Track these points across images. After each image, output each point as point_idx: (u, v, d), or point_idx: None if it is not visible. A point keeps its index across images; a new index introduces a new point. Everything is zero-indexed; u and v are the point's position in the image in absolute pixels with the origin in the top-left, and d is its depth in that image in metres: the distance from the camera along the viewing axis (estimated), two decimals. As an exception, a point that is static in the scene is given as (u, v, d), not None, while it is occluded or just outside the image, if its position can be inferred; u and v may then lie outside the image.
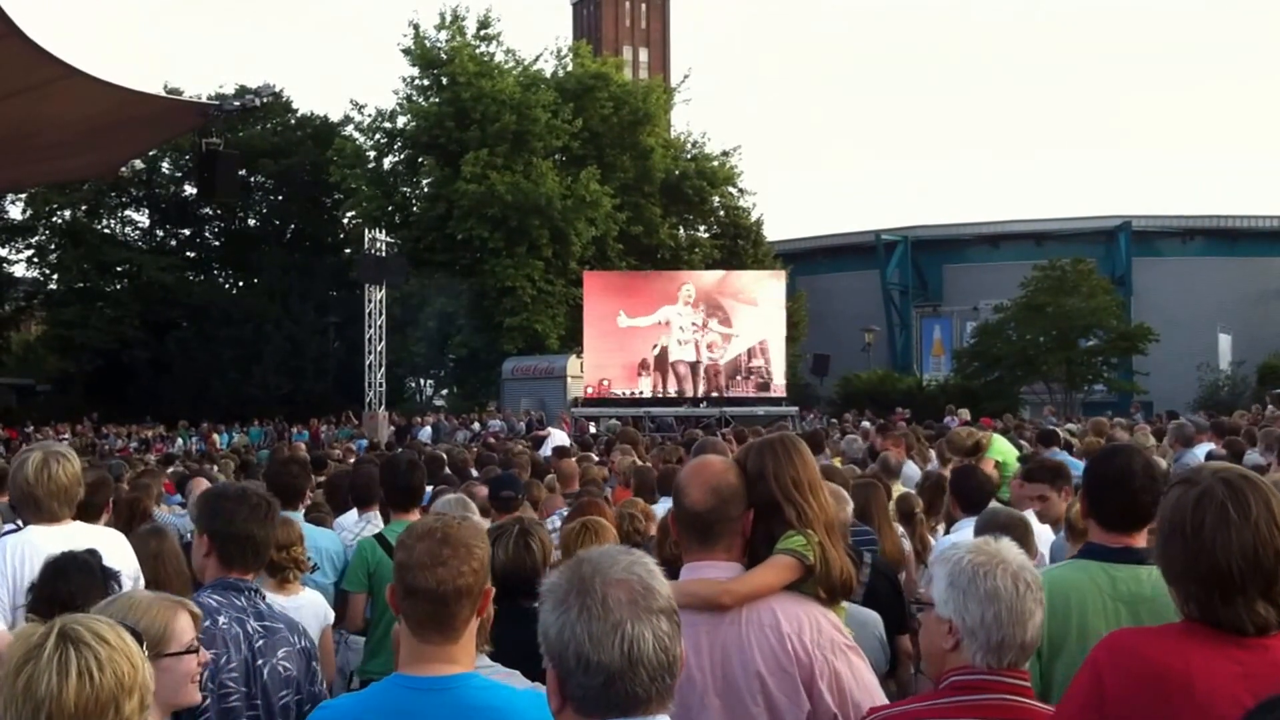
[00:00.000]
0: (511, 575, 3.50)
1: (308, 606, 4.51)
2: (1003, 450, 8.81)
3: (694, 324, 31.89)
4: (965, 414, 20.06)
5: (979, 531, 4.02)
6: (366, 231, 31.24)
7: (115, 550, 4.12)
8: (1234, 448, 9.65)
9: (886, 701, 2.70)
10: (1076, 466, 6.35)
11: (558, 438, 16.69)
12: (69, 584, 3.23)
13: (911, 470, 9.17)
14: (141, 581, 4.16)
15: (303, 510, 6.07)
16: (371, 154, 43.30)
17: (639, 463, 9.09)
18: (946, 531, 5.92)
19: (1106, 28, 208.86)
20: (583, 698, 1.72)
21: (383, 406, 28.63)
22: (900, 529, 6.09)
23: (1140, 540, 3.18)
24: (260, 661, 3.16)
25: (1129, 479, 3.17)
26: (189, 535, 4.72)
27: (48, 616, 2.98)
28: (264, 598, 3.38)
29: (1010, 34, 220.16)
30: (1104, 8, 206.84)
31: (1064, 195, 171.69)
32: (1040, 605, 2.37)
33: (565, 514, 6.59)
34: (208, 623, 3.09)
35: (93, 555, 3.40)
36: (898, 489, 7.28)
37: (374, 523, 6.31)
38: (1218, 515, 2.10)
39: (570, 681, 1.72)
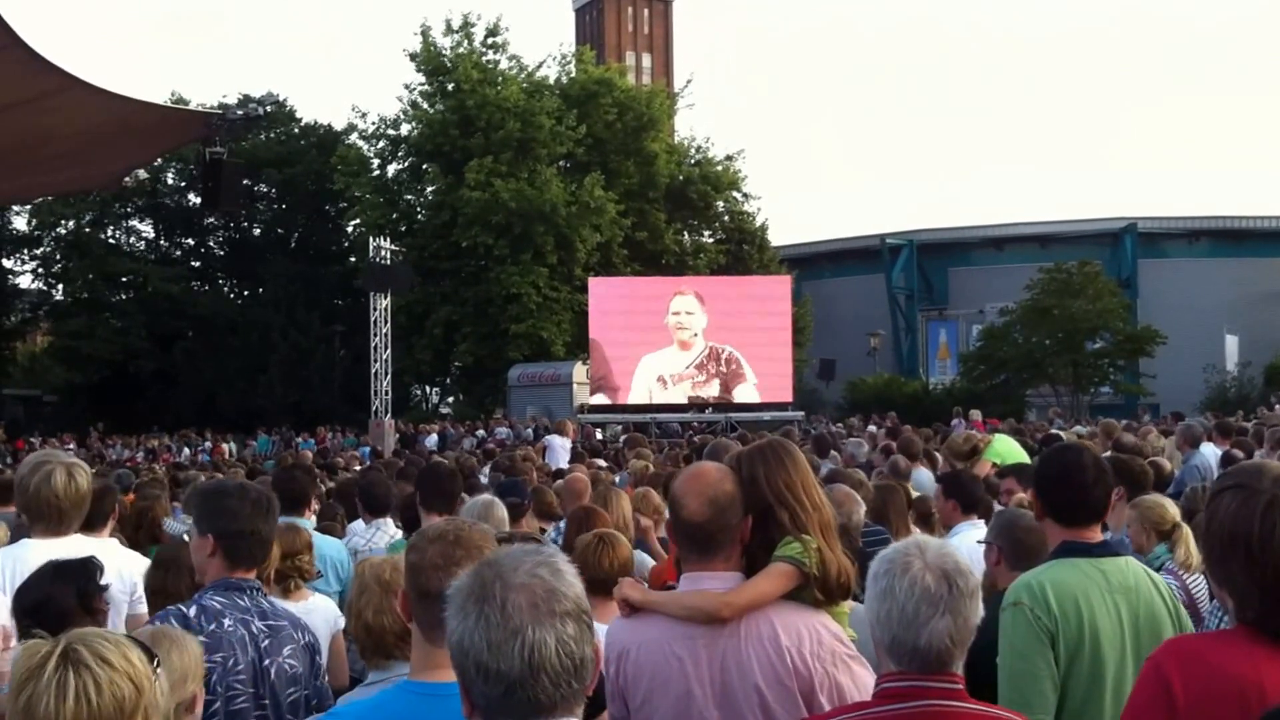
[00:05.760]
0: None
1: (317, 612, 4.48)
2: (1002, 452, 8.69)
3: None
4: (977, 416, 19.97)
5: (992, 533, 4.01)
6: (371, 240, 31.22)
7: (116, 561, 4.10)
8: (1243, 448, 9.62)
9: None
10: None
11: (558, 445, 16.50)
12: (44, 588, 3.20)
13: (921, 474, 9.14)
14: (140, 591, 4.15)
15: (312, 518, 6.06)
16: (375, 162, 43.41)
17: (651, 468, 9.11)
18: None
19: (1111, 31, 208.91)
20: (486, 706, 1.68)
21: (388, 415, 28.54)
22: (919, 531, 6.08)
23: (1099, 534, 3.22)
24: (267, 662, 3.16)
25: (1080, 474, 3.20)
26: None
27: (29, 625, 2.98)
28: (265, 596, 3.36)
29: (1014, 37, 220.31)
30: (1109, 11, 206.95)
31: (1069, 198, 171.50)
32: (954, 614, 2.24)
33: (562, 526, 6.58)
34: (213, 626, 3.09)
35: (88, 562, 3.34)
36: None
37: (383, 529, 6.30)
38: None
39: (473, 690, 1.68)
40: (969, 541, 4.82)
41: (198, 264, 49.40)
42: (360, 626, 3.23)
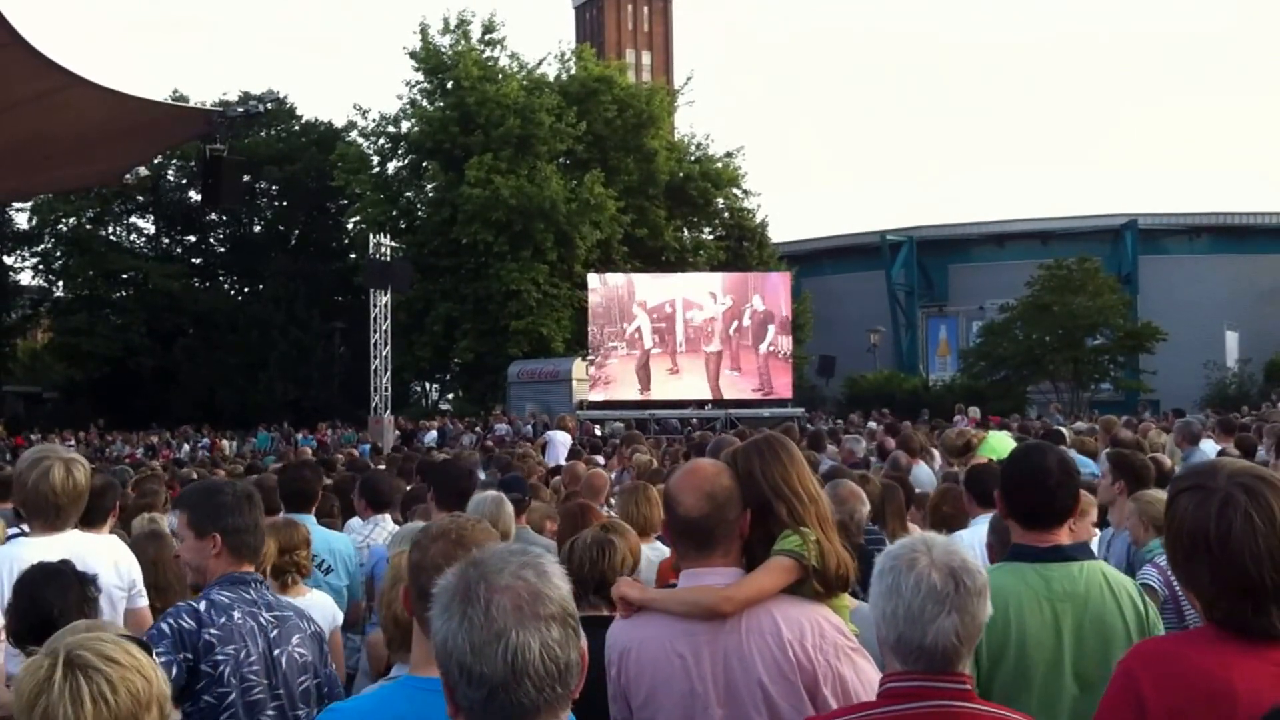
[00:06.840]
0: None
1: (314, 608, 4.48)
2: (997, 448, 8.67)
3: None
4: (976, 413, 19.95)
5: (992, 530, 4.01)
6: (371, 236, 31.22)
7: (113, 556, 4.12)
8: (1244, 445, 9.62)
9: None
10: (1084, 464, 6.31)
11: (559, 441, 16.46)
12: (44, 593, 3.24)
13: (921, 471, 9.14)
14: (140, 585, 4.20)
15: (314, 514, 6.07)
16: (375, 159, 43.38)
17: (654, 464, 9.16)
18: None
19: (1112, 29, 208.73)
20: (470, 708, 1.65)
21: (388, 411, 28.56)
22: (918, 529, 6.07)
23: (1064, 536, 3.14)
24: (277, 651, 3.21)
25: (1044, 477, 3.13)
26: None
27: (27, 633, 3.02)
28: (268, 587, 3.41)
29: (1015, 34, 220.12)
30: (1109, 10, 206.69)
31: (1069, 194, 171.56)
32: (960, 612, 2.21)
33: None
34: (223, 619, 3.13)
35: (64, 564, 3.40)
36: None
37: (381, 526, 6.31)
38: (1244, 525, 2.04)
39: (457, 691, 1.66)
40: (981, 537, 4.81)
41: (198, 261, 49.38)
42: (389, 618, 3.25)
